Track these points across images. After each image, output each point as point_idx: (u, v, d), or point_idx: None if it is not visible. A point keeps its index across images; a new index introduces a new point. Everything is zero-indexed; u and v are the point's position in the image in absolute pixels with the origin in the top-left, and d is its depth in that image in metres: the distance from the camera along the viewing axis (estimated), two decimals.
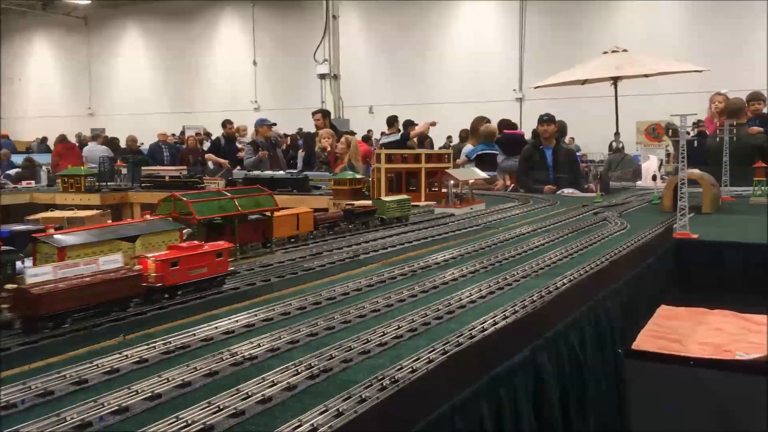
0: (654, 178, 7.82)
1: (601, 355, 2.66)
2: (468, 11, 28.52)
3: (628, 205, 6.78)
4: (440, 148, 19.13)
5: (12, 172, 13.86)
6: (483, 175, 6.86)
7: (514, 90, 27.64)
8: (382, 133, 20.17)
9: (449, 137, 22.80)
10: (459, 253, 3.92)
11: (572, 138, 20.97)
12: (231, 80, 32.56)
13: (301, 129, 22.22)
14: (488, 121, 11.27)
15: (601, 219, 5.53)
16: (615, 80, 11.72)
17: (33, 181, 11.19)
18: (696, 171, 6.22)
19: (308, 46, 20.43)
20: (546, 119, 8.99)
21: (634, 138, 21.11)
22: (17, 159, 16.91)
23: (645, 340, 3.06)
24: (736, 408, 2.41)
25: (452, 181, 6.14)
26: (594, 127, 19.08)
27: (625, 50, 11.93)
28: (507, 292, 2.99)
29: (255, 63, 32.34)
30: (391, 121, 13.63)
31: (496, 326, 2.37)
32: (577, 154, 16.68)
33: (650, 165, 11.25)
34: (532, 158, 9.02)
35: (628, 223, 5.20)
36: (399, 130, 13.37)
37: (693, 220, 5.11)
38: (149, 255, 2.62)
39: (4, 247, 2.53)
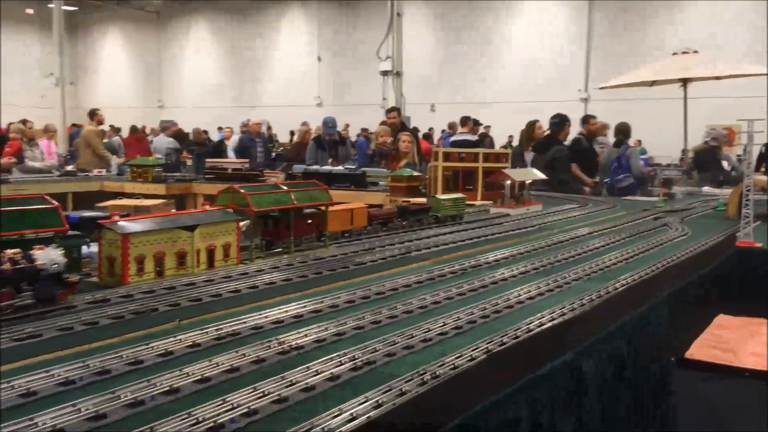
0: (720, 184, 7.58)
1: (648, 363, 2.62)
2: (532, 10, 28.15)
3: (692, 210, 6.60)
4: (501, 147, 19.00)
5: None
6: (541, 176, 6.77)
7: (579, 90, 27.15)
8: (443, 131, 20.14)
9: (510, 137, 22.59)
10: (511, 253, 3.91)
11: (638, 141, 20.47)
12: (294, 76, 33.05)
13: (347, 126, 22.36)
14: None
15: (662, 224, 5.41)
16: (684, 82, 11.39)
17: (104, 170, 11.63)
18: (763, 178, 6.00)
19: (371, 43, 20.57)
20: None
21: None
22: None
23: (698, 350, 2.99)
24: None
25: (509, 181, 6.10)
26: (662, 129, 18.58)
27: (695, 51, 11.57)
28: (556, 294, 2.97)
29: (319, 59, 32.72)
30: (465, 119, 13.65)
31: (541, 328, 2.37)
32: (643, 157, 16.29)
33: None
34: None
35: (690, 229, 5.08)
36: (473, 130, 13.36)
37: (758, 229, 4.95)
38: None
39: (71, 232, 2.67)
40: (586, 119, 11.76)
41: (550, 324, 2.44)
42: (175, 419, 1.56)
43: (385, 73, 18.99)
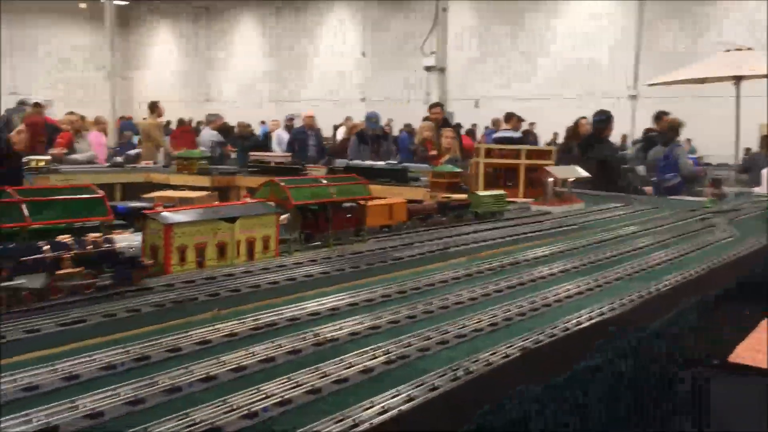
0: None
1: (688, 365, 2.56)
2: (579, 5, 27.70)
3: (741, 212, 6.41)
4: (545, 144, 18.76)
5: (132, 152, 14.74)
6: (584, 173, 6.67)
7: (628, 87, 26.63)
8: (487, 128, 20.00)
9: (555, 134, 22.30)
10: (551, 251, 3.87)
11: (689, 139, 19.97)
12: (338, 71, 33.18)
13: (391, 121, 22.35)
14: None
15: (709, 225, 5.28)
16: (737, 80, 11.07)
17: (151, 162, 11.87)
18: None
19: (416, 39, 20.52)
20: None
21: (757, 141, 19.83)
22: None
23: (743, 353, 2.91)
24: None
25: (551, 179, 6.03)
26: (712, 128, 18.09)
27: (749, 48, 11.25)
28: (596, 294, 2.93)
29: (363, 54, 32.78)
30: (509, 116, 13.48)
31: (578, 327, 2.34)
32: (693, 156, 15.89)
33: None
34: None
35: (738, 230, 4.94)
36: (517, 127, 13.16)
37: None
38: None
39: (116, 222, 2.74)
40: (660, 115, 11.40)
41: (588, 323, 2.41)
42: (210, 406, 1.59)
43: (429, 69, 18.92)
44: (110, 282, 2.50)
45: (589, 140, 10.22)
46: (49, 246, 2.32)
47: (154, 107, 13.23)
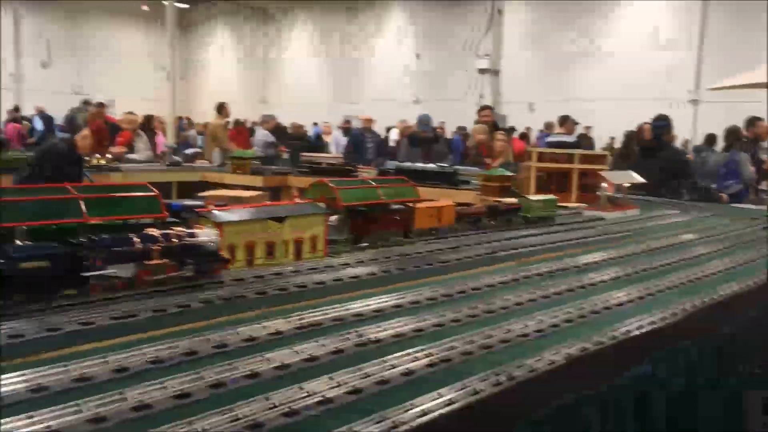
0: None
1: (740, 379, 2.48)
2: (638, 6, 27.07)
3: None
4: (601, 149, 18.41)
5: (189, 151, 15.09)
6: (640, 179, 6.52)
7: (689, 91, 25.90)
8: (541, 131, 19.75)
9: (612, 138, 21.86)
10: (602, 258, 3.79)
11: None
12: (392, 73, 33.23)
13: (443, 123, 22.24)
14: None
15: None
16: None
17: (207, 161, 12.13)
18: None
19: (470, 41, 20.41)
20: None
21: None
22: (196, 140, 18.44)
23: None
24: None
25: (605, 184, 5.91)
26: None
27: None
28: (647, 302, 2.87)
29: (417, 56, 32.77)
30: (563, 119, 13.25)
31: (627, 335, 2.29)
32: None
33: None
34: None
35: None
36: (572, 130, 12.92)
37: None
38: None
39: (169, 219, 2.81)
40: (753, 121, 11.02)
41: (637, 332, 2.36)
42: (253, 402, 1.62)
43: (483, 71, 18.81)
44: (192, 274, 2.62)
45: (652, 145, 9.96)
46: (138, 238, 2.47)
47: (221, 108, 13.45)
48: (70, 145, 5.81)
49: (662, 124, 10.16)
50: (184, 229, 2.65)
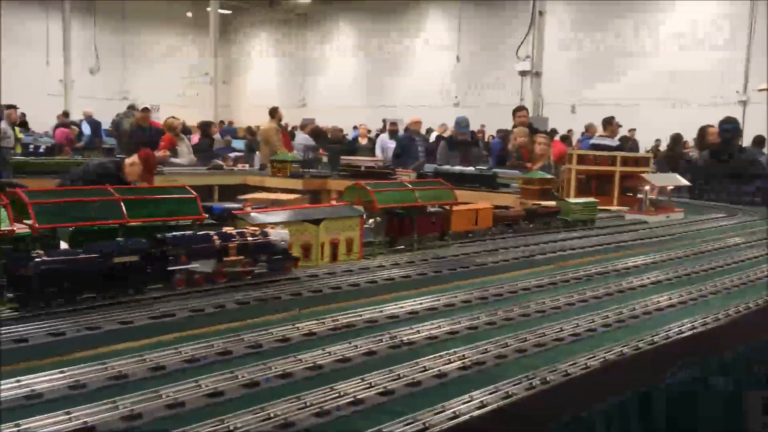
0: None
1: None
2: (683, 6, 26.48)
3: None
4: (646, 151, 18.05)
5: (232, 155, 15.28)
6: (684, 182, 6.38)
7: (737, 92, 25.23)
8: (583, 134, 19.45)
9: (657, 140, 21.42)
10: (643, 261, 3.72)
11: None
12: (433, 76, 33.15)
13: (483, 126, 22.07)
14: None
15: None
16: None
17: (248, 165, 12.26)
18: None
19: (511, 43, 20.23)
20: None
21: None
22: (238, 144, 18.64)
23: None
24: None
25: (647, 187, 5.80)
26: None
27: None
28: (689, 307, 2.80)
29: (458, 59, 32.65)
30: (607, 122, 12.98)
31: (666, 341, 2.24)
32: None
33: None
34: None
35: None
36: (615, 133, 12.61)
37: None
38: None
39: (207, 221, 2.86)
40: None
41: (677, 337, 2.30)
42: (285, 401, 1.63)
43: (523, 73, 18.61)
44: (265, 270, 2.76)
45: (725, 149, 9.64)
46: (217, 236, 2.62)
47: (274, 112, 13.53)
48: (118, 168, 5.94)
49: (731, 127, 9.84)
50: (257, 228, 2.79)
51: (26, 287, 2.17)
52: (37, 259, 2.16)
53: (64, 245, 2.54)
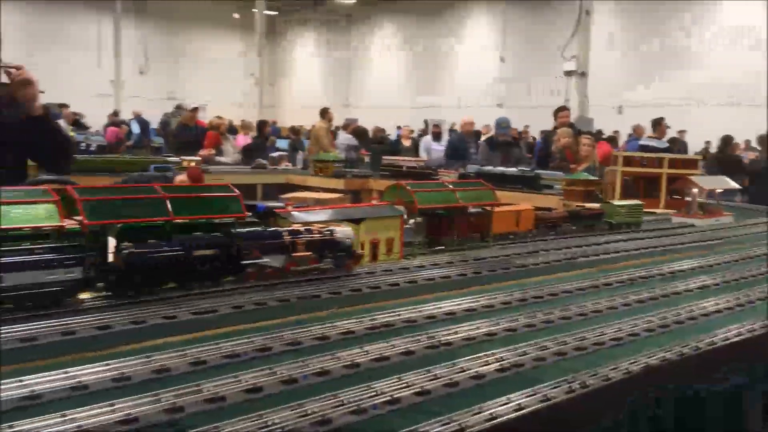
0: None
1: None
2: (731, 6, 25.75)
3: None
4: (696, 153, 17.64)
5: (275, 154, 15.45)
6: (734, 185, 6.21)
7: None
8: (630, 135, 19.12)
9: (707, 142, 20.92)
10: (689, 266, 3.64)
11: None
12: (476, 76, 32.98)
13: (527, 127, 21.83)
14: None
15: None
16: None
17: (290, 164, 12.38)
18: None
19: (554, 43, 19.99)
20: None
21: None
22: (281, 143, 18.86)
23: None
24: None
25: (695, 189, 5.66)
26: None
27: None
28: (736, 313, 2.73)
29: (502, 59, 32.41)
30: (656, 123, 12.67)
31: (711, 347, 2.19)
32: None
33: None
34: None
35: None
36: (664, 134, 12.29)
37: None
38: None
39: (250, 219, 2.90)
40: None
41: (723, 343, 2.25)
42: (322, 399, 1.64)
43: (569, 74, 18.35)
44: (330, 266, 2.86)
45: None
46: (287, 232, 2.74)
47: (324, 113, 13.66)
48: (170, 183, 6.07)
49: None
50: (325, 227, 2.88)
51: (118, 276, 2.34)
52: (125, 251, 2.33)
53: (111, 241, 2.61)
